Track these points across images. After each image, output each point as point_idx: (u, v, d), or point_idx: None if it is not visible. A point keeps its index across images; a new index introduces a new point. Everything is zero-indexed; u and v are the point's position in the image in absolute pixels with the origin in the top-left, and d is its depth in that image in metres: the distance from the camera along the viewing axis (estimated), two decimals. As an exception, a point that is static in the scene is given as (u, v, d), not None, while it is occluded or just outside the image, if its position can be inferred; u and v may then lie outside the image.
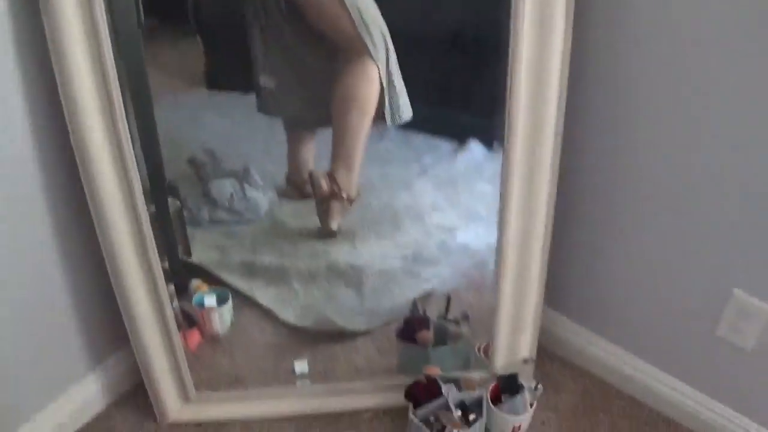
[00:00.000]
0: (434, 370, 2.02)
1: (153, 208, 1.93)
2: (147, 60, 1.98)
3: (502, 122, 1.78)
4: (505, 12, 1.66)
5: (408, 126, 2.49)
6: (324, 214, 2.39)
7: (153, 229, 1.86)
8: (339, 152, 2.27)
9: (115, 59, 1.62)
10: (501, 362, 2.13)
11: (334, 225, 2.41)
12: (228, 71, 2.87)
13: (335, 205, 2.37)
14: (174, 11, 3.47)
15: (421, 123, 2.52)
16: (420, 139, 2.59)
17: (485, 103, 2.26)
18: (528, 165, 1.81)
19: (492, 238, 2.03)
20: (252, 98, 2.43)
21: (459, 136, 2.56)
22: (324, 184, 2.31)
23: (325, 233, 2.43)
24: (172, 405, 2.17)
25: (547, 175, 1.82)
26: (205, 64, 3.04)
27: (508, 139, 1.78)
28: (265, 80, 2.29)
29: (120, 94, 1.66)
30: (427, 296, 2.20)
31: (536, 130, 1.77)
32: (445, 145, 2.58)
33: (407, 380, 2.08)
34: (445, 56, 2.40)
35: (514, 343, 2.11)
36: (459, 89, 2.41)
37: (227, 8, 2.37)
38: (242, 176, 2.41)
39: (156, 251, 1.89)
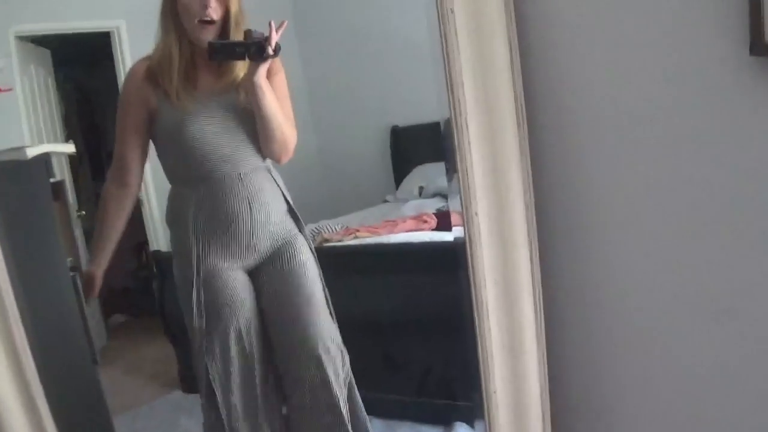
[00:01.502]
0: None
1: None
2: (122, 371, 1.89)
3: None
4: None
5: (392, 416, 2.40)
6: None
7: None
8: None
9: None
10: None
11: None
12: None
13: None
14: (143, 307, 3.47)
15: (405, 412, 2.43)
16: (405, 428, 2.50)
17: (466, 386, 2.20)
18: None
19: None
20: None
21: (444, 421, 2.47)
22: None
23: None
24: None
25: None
26: (178, 366, 2.98)
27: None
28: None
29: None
30: None
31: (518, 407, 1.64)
32: (431, 432, 2.48)
33: None
34: (421, 344, 2.37)
35: None
36: (439, 375, 2.36)
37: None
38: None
39: None
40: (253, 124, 1.73)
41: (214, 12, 1.65)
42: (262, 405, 1.82)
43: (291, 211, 1.85)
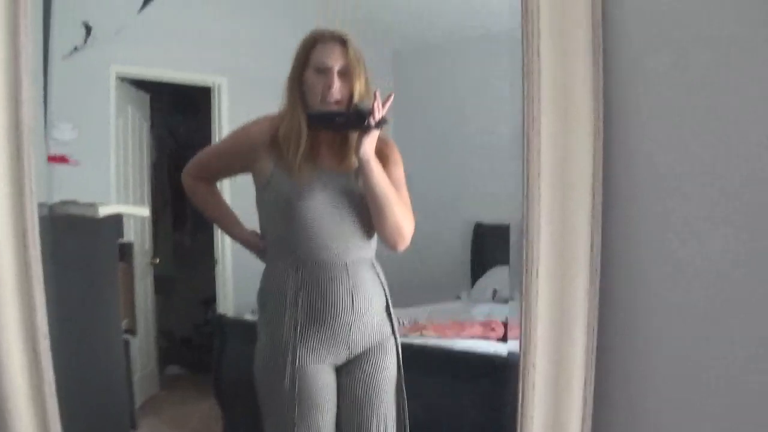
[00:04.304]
0: None
1: None
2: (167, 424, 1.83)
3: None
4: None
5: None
6: None
7: None
8: None
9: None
10: None
11: None
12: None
13: None
14: (201, 362, 3.43)
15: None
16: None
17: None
18: None
19: None
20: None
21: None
22: None
23: None
24: None
25: None
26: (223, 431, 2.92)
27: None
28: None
29: None
30: None
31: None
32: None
33: None
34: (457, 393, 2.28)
35: None
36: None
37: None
38: None
39: None
40: (366, 213, 1.65)
41: (338, 93, 1.62)
42: None
43: (388, 310, 1.76)
